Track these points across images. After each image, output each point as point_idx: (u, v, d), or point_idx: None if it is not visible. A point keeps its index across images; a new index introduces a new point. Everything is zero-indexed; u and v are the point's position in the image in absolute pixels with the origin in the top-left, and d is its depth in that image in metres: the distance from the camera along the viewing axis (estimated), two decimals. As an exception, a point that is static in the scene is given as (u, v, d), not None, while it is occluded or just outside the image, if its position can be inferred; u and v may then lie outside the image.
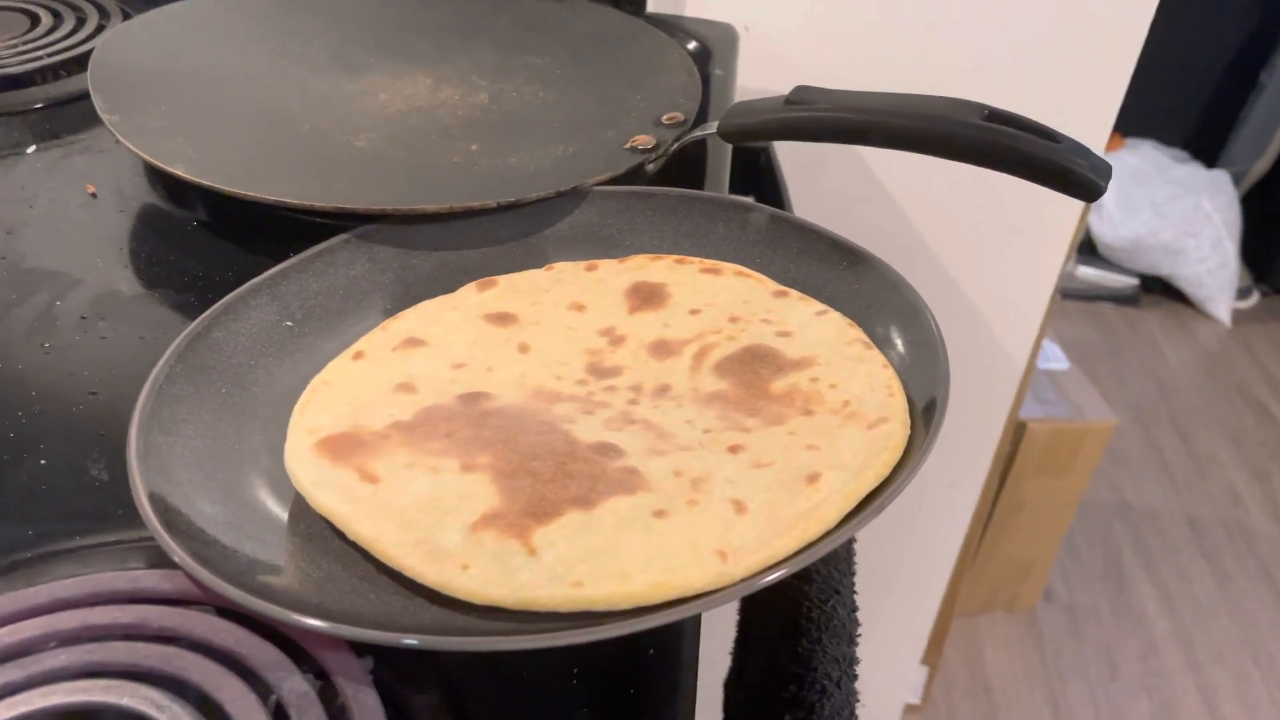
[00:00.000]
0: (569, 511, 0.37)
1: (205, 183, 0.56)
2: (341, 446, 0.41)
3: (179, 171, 0.57)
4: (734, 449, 0.41)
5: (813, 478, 0.38)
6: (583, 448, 0.40)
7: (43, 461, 0.46)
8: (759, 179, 0.80)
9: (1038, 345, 1.25)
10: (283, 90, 0.69)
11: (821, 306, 0.49)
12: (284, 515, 0.41)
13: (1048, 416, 1.67)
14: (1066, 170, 0.54)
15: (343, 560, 0.39)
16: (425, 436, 0.41)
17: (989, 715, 1.73)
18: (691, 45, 0.83)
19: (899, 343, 0.46)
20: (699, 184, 0.66)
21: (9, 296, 0.55)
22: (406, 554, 0.36)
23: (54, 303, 0.55)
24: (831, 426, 0.41)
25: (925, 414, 0.41)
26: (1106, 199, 2.60)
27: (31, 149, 0.68)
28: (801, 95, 0.59)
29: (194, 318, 0.50)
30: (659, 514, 0.37)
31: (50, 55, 0.73)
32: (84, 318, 0.54)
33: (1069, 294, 2.73)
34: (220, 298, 0.51)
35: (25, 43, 0.75)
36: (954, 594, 1.57)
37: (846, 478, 0.38)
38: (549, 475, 0.38)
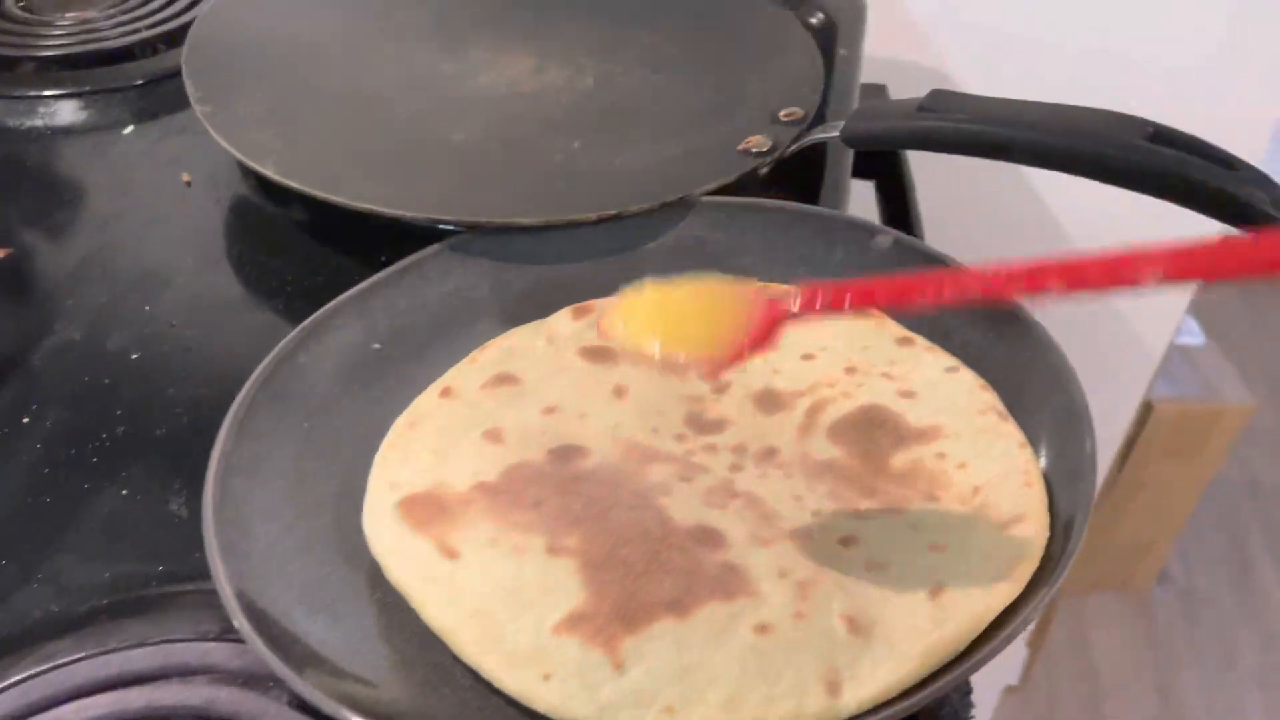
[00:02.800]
0: (661, 618, 0.34)
1: (293, 184, 0.54)
2: (422, 511, 0.38)
3: (267, 172, 0.54)
4: (846, 541, 0.37)
5: (936, 590, 0.34)
6: (679, 532, 0.37)
7: (124, 492, 0.44)
8: (882, 172, 0.74)
9: (1178, 322, 1.16)
10: (382, 69, 0.65)
11: (951, 360, 0.44)
12: (360, 578, 0.39)
13: (1178, 396, 1.57)
14: (1243, 204, 0.47)
15: (418, 639, 0.36)
16: (511, 504, 0.38)
17: (1092, 701, 1.67)
18: (815, 19, 0.76)
19: (1038, 416, 0.41)
20: (817, 188, 0.61)
21: (99, 298, 0.54)
22: (484, 653, 0.34)
23: (144, 306, 0.54)
24: (959, 520, 0.37)
25: (1064, 524, 0.36)
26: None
27: (129, 129, 0.66)
28: (938, 101, 0.53)
29: (283, 328, 0.48)
30: (761, 629, 0.33)
31: (149, 27, 0.71)
32: (173, 325, 0.53)
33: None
34: (312, 305, 0.49)
35: (123, 12, 0.73)
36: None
37: (976, 595, 0.34)
38: (641, 567, 0.35)
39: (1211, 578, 1.85)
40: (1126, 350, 1.13)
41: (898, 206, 0.75)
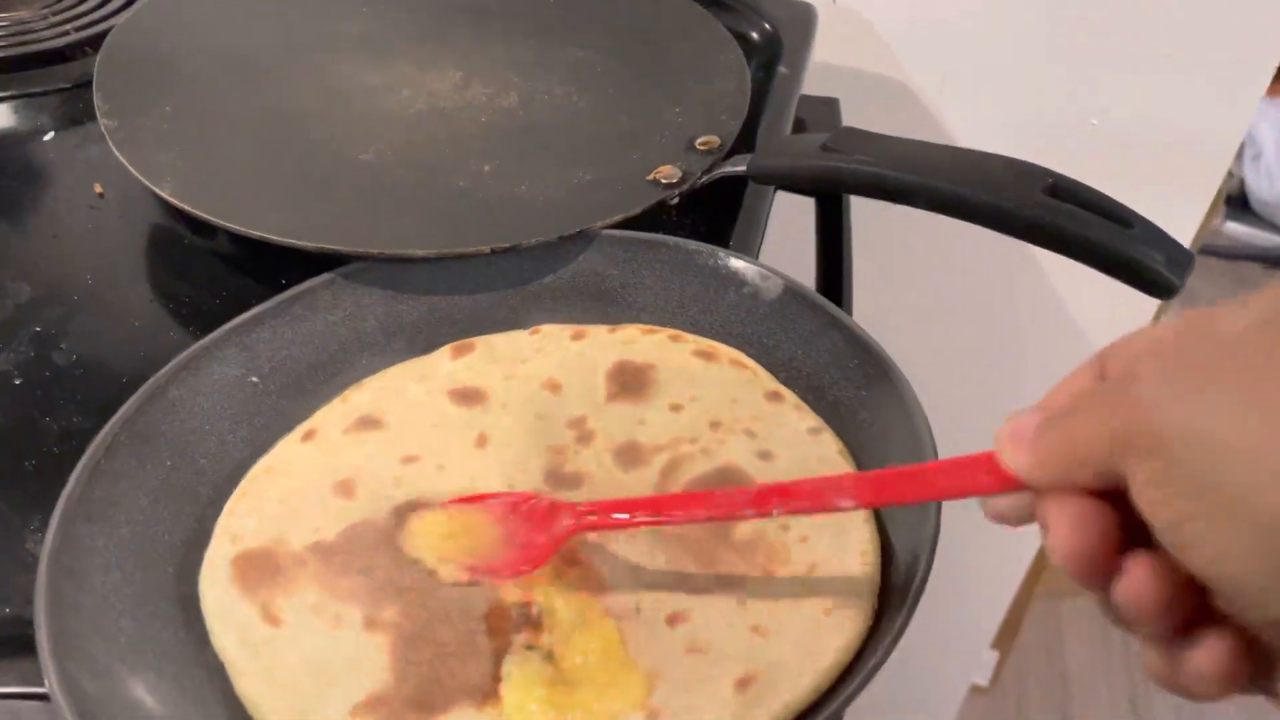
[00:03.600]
0: (458, 706, 0.33)
1: (187, 208, 0.53)
2: (254, 572, 0.38)
3: (164, 193, 0.54)
4: (673, 620, 0.36)
5: (744, 682, 0.34)
6: (501, 610, 0.37)
7: (-16, 527, 0.44)
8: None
9: (1161, 309, 1.14)
10: (300, 83, 0.64)
11: (816, 421, 0.43)
12: (190, 637, 0.38)
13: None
14: (1136, 263, 0.46)
15: (233, 708, 0.36)
16: (341, 569, 0.38)
17: (1061, 705, 1.67)
18: (756, 33, 0.75)
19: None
20: (730, 220, 0.60)
21: (-8, 317, 0.54)
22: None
23: (34, 326, 0.53)
24: (787, 601, 0.36)
25: (904, 583, 0.35)
26: (1268, 150, 2.37)
27: (49, 135, 0.66)
28: (842, 141, 0.52)
29: (176, 353, 0.48)
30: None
31: (78, 29, 0.70)
32: (61, 347, 0.52)
33: (1211, 250, 2.51)
34: (209, 330, 0.49)
35: (56, 13, 0.72)
36: (1035, 576, 1.50)
37: (782, 689, 0.33)
38: (453, 647, 0.35)
39: (1192, 584, 1.84)
40: (1096, 347, 1.11)
41: (832, 226, 0.74)
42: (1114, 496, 0.25)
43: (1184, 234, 0.93)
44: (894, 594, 0.36)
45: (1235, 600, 0.23)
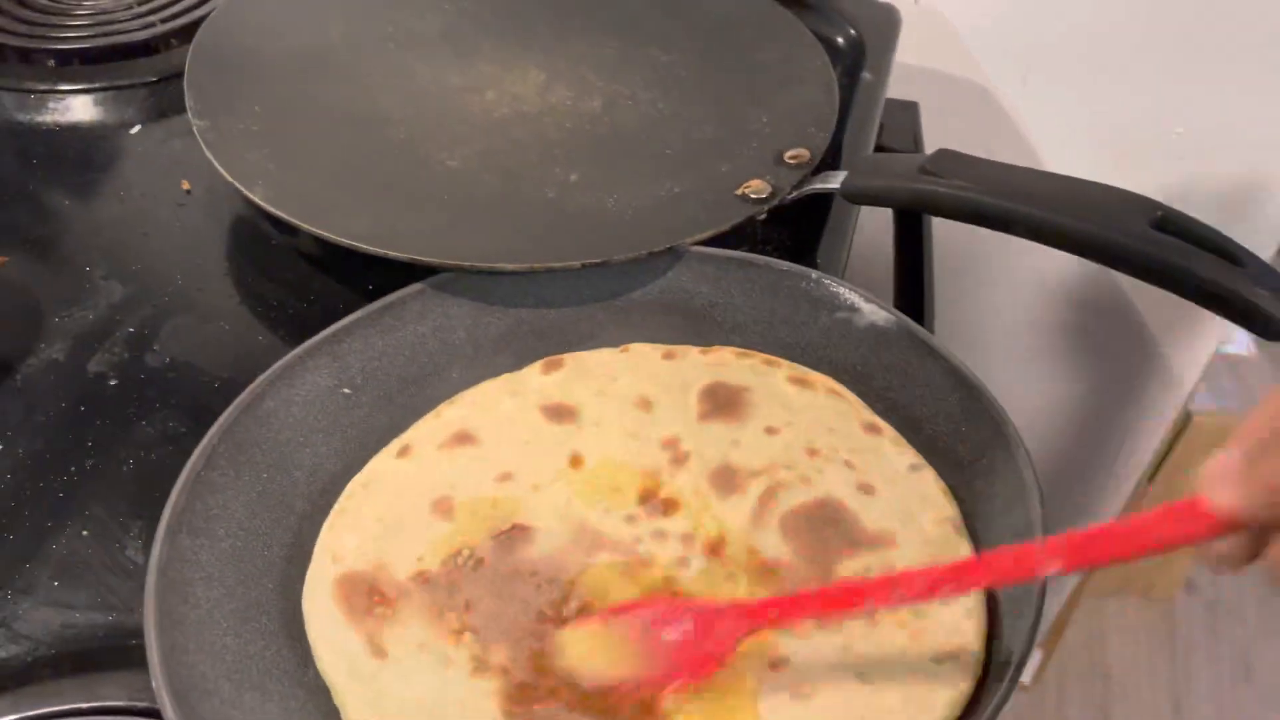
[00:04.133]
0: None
1: (280, 214, 0.53)
2: (359, 598, 0.39)
3: (256, 197, 0.54)
4: (776, 665, 0.36)
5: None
6: None
7: (84, 532, 0.45)
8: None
9: (1226, 332, 1.12)
10: (386, 81, 0.64)
11: (916, 458, 0.43)
12: (293, 655, 0.39)
13: (1219, 408, 1.52)
14: (1248, 304, 0.45)
15: None
16: (445, 603, 0.39)
17: (1103, 704, 1.66)
18: (841, 38, 0.74)
19: (995, 529, 0.40)
20: (815, 234, 0.59)
21: (86, 315, 0.54)
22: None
23: (128, 327, 0.54)
24: (891, 648, 0.36)
25: (1000, 662, 0.35)
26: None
27: (136, 129, 0.66)
28: (941, 164, 0.51)
29: (265, 357, 0.48)
30: None
31: (164, 21, 0.70)
32: (154, 349, 0.53)
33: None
34: (297, 333, 0.49)
35: (140, 2, 0.72)
36: (1084, 580, 1.49)
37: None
38: (564, 696, 0.35)
39: (1239, 590, 1.82)
40: (1169, 358, 1.09)
41: (912, 243, 0.73)
42: None
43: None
44: (999, 645, 0.36)
45: None
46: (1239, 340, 1.61)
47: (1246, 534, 0.26)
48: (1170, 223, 0.47)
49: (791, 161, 0.58)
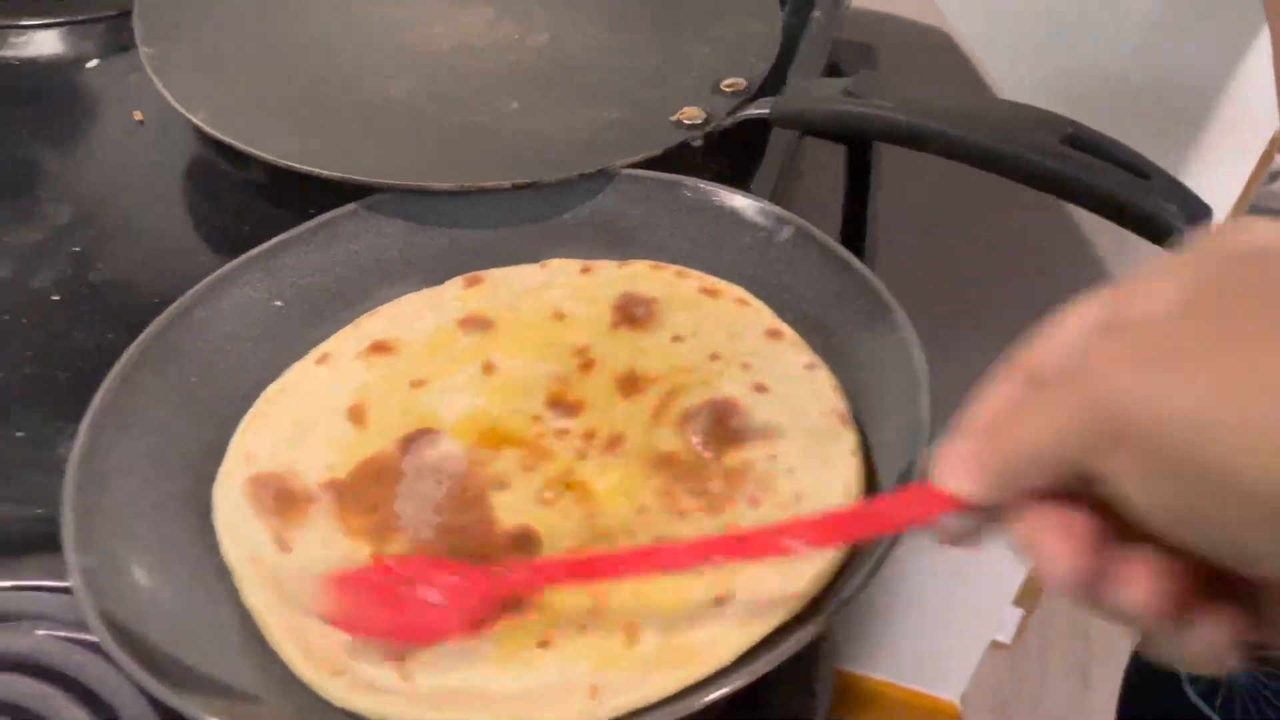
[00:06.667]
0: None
1: (220, 135, 0.54)
2: (268, 497, 0.40)
3: (198, 120, 0.55)
4: (659, 542, 0.37)
5: (720, 601, 0.35)
6: (499, 540, 0.39)
7: (19, 434, 0.47)
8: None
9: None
10: (331, 14, 0.65)
11: (812, 358, 0.44)
12: (200, 541, 0.40)
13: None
14: (1151, 216, 0.46)
15: (242, 614, 0.38)
16: (351, 505, 0.40)
17: (1083, 664, 1.67)
18: (795, -24, 0.74)
19: (886, 422, 0.41)
20: (755, 164, 0.60)
21: (34, 236, 0.56)
22: (287, 642, 0.36)
23: (73, 247, 0.55)
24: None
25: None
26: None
27: (93, 63, 0.67)
28: (864, 86, 0.52)
29: (204, 276, 0.49)
30: (543, 644, 0.35)
31: (123, -44, 0.71)
32: (97, 267, 0.54)
33: (1266, 210, 2.45)
34: (237, 255, 0.50)
35: (102, -59, 0.73)
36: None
37: (753, 609, 0.34)
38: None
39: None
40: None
41: (859, 174, 0.73)
42: (1076, 500, 0.24)
43: (1229, 192, 0.92)
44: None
45: (1252, 569, 0.22)
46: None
47: (978, 513, 0.26)
48: (1081, 139, 0.48)
49: (728, 90, 0.59)
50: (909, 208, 0.85)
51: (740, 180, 0.59)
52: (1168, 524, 0.22)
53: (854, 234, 0.67)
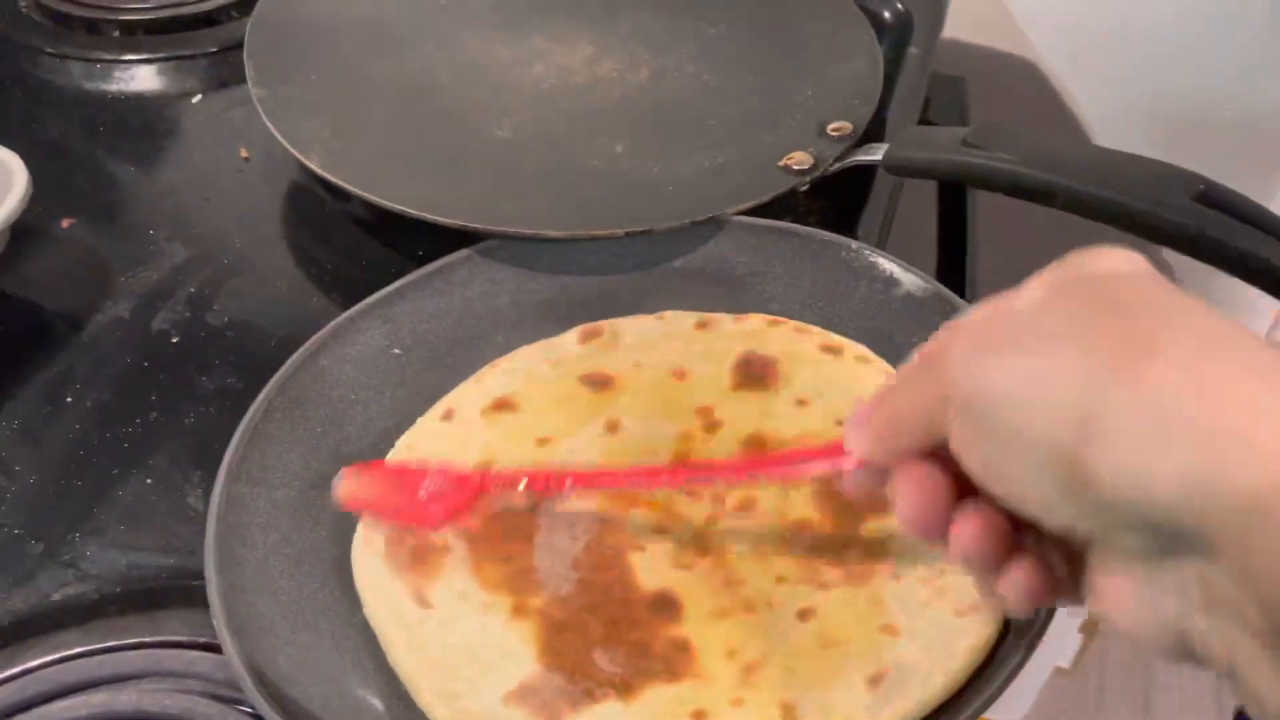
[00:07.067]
0: (605, 700, 0.35)
1: (334, 180, 0.55)
2: (404, 553, 0.40)
3: (311, 164, 0.56)
4: (804, 614, 0.37)
5: (876, 679, 0.35)
6: (641, 599, 0.38)
7: (148, 480, 0.47)
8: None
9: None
10: (439, 54, 0.66)
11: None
12: (344, 599, 0.41)
13: None
14: (1288, 277, 0.45)
15: (386, 673, 0.38)
16: (486, 555, 0.40)
17: (1143, 690, 1.65)
18: (889, 13, 0.74)
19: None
20: (858, 206, 0.60)
21: (150, 276, 0.57)
22: (437, 705, 0.36)
23: (189, 287, 0.56)
24: (917, 601, 0.37)
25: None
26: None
27: (198, 98, 0.68)
28: (984, 136, 0.52)
29: (318, 318, 0.50)
30: (697, 715, 0.35)
31: (225, -8, 0.73)
32: (214, 309, 0.55)
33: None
34: (350, 296, 0.51)
35: (203, -24, 0.74)
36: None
37: (913, 688, 0.34)
38: (598, 635, 0.37)
39: (1289, 579, 1.79)
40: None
41: (955, 215, 0.73)
42: (943, 461, 0.29)
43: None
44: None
45: (1039, 516, 0.27)
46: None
47: (873, 470, 0.31)
48: (1213, 197, 0.47)
49: (834, 134, 0.59)
50: (1006, 251, 0.84)
51: (845, 224, 0.59)
52: (986, 478, 0.27)
53: (954, 277, 0.66)
